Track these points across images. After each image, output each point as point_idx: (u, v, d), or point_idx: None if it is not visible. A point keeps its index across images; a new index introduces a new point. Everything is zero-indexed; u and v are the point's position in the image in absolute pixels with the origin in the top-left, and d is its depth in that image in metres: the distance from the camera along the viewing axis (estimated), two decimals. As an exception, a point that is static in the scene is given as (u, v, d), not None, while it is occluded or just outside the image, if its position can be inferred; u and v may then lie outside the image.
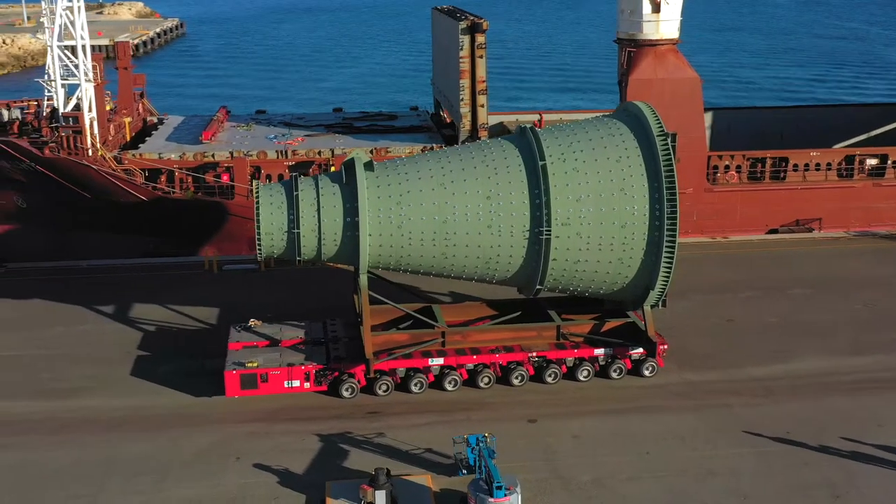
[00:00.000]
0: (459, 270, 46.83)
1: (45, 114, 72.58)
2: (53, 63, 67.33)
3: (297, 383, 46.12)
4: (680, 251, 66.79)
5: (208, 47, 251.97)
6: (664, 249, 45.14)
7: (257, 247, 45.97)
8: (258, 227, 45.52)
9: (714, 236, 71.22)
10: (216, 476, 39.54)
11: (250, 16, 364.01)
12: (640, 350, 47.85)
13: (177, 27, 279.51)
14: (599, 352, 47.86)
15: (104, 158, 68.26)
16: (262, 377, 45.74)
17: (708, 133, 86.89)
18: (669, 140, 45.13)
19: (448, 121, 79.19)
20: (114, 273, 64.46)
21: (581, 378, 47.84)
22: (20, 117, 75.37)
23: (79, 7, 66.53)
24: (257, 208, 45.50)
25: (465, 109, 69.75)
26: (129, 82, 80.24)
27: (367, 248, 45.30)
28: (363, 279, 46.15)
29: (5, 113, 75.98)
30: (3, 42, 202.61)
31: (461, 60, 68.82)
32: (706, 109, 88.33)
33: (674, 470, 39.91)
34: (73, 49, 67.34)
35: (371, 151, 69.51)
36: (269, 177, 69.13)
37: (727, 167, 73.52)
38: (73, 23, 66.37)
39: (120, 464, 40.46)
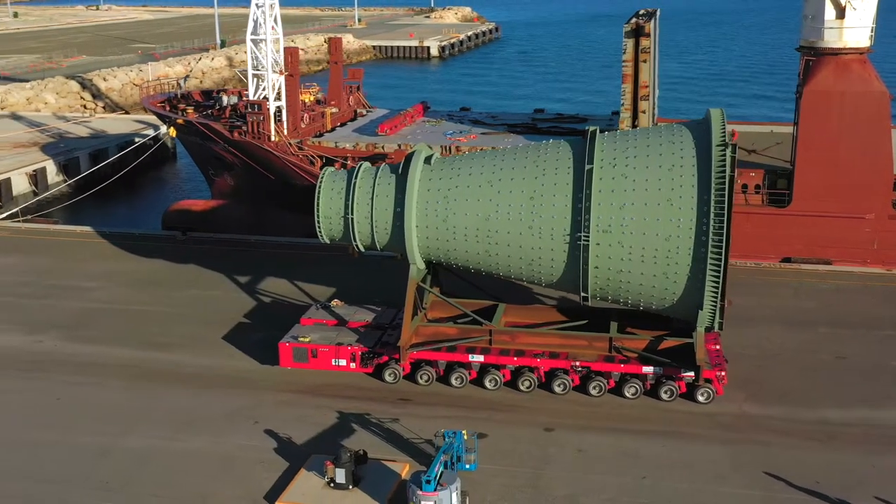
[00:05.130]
0: (505, 270, 46.43)
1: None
2: (248, 55, 74.11)
3: (343, 362, 48.07)
4: (838, 279, 62.08)
5: (511, 51, 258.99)
6: (709, 268, 41.88)
7: (317, 230, 48.51)
8: (317, 211, 48.02)
9: (892, 268, 63.79)
10: (225, 435, 42.51)
11: (573, 21, 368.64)
12: (692, 374, 44.78)
13: (492, 31, 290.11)
14: (648, 370, 45.29)
15: (287, 144, 74.14)
16: (312, 352, 48.22)
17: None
18: (728, 151, 41.86)
19: (633, 126, 77.27)
20: (269, 248, 69.87)
21: (628, 395, 45.62)
22: (235, 103, 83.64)
23: (271, 4, 72.66)
24: (318, 193, 48.00)
25: (625, 115, 68.14)
26: (339, 76, 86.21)
27: (415, 240, 46.29)
28: (412, 270, 47.12)
29: (225, 99, 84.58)
30: (324, 41, 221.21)
31: (624, 64, 67.35)
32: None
33: (660, 498, 37.22)
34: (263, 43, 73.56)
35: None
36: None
37: (921, 193, 65.48)
38: (264, 18, 72.57)
39: (156, 412, 44.61)
